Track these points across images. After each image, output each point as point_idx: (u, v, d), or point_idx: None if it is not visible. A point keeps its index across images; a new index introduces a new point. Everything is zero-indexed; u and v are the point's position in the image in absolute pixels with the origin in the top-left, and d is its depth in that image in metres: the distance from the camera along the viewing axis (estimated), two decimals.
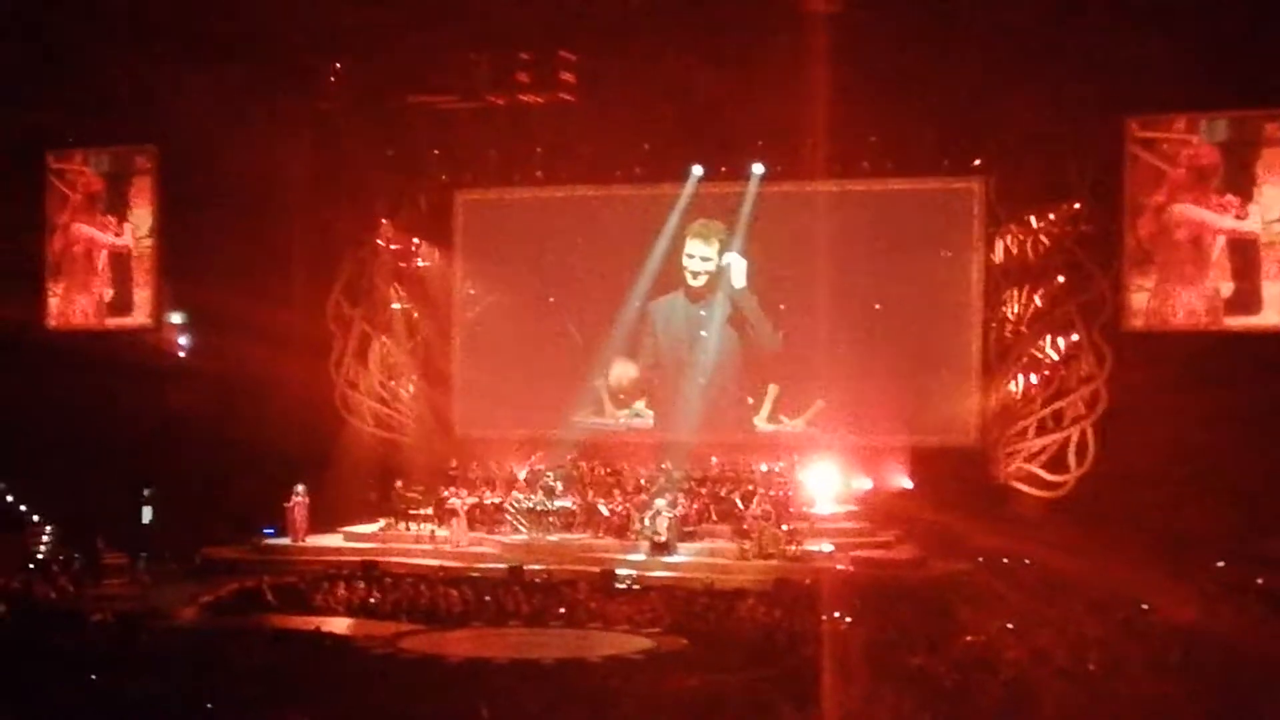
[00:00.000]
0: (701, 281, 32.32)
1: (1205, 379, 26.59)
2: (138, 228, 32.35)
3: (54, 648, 19.56)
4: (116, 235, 32.39)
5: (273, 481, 29.98)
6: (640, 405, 32.83)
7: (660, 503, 28.59)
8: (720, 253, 32.10)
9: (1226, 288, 27.46)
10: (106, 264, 32.53)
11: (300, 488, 29.84)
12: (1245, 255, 27.37)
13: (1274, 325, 27.17)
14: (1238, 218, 27.27)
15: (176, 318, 33.56)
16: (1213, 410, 26.18)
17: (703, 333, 32.43)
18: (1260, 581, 24.34)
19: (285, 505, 29.72)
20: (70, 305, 32.75)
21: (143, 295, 32.38)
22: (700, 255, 32.25)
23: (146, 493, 31.75)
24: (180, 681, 17.04)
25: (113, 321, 32.58)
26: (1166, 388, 27.10)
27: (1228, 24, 25.42)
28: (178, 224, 32.13)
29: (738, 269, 31.94)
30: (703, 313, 32.45)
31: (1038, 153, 29.62)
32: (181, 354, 33.77)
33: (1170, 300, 27.71)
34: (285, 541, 29.88)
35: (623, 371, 32.84)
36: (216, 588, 26.06)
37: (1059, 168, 29.43)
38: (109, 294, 32.51)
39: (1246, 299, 27.33)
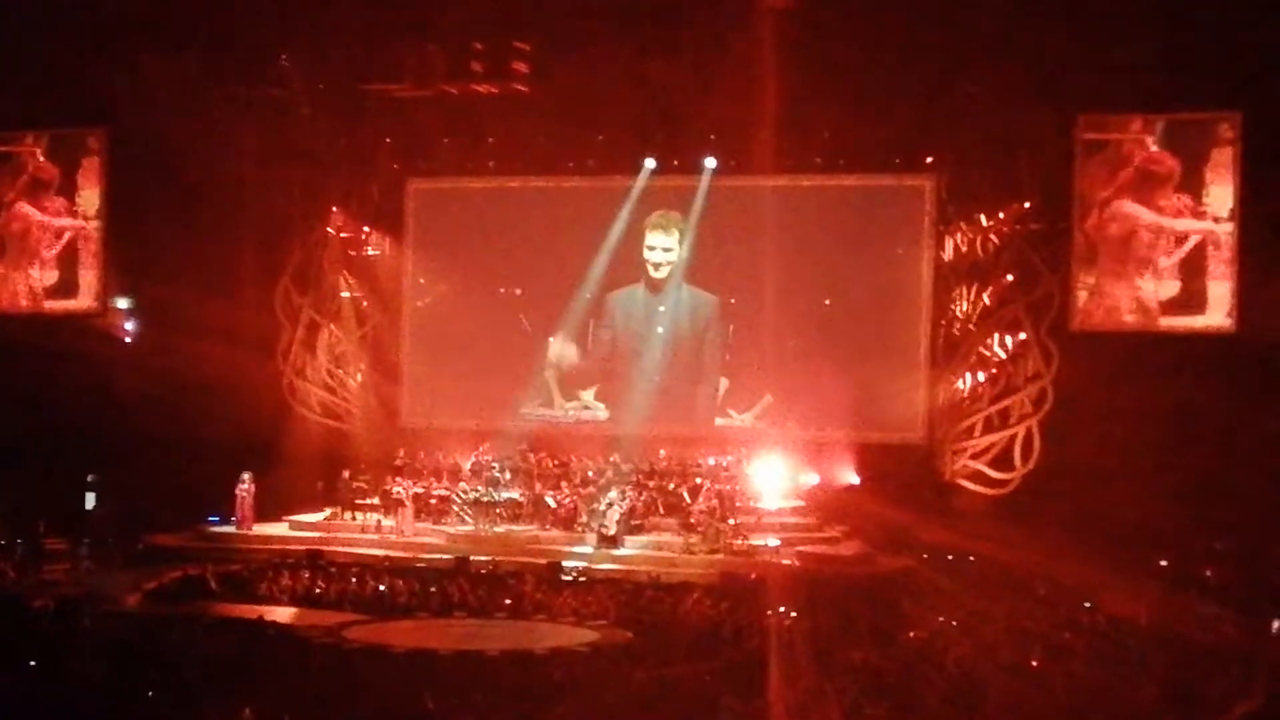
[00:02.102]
0: (664, 273, 32.39)
1: (1151, 378, 26.78)
2: (85, 210, 32.00)
3: None
4: (64, 217, 32.03)
5: (219, 469, 29.78)
6: (589, 397, 32.80)
7: (611, 495, 28.57)
8: (680, 242, 32.10)
9: (1172, 287, 27.61)
10: (51, 245, 32.14)
11: (247, 476, 29.69)
12: (1191, 255, 27.55)
13: (1219, 326, 27.36)
14: (1194, 216, 27.47)
15: (122, 303, 33.25)
16: (1158, 409, 26.42)
17: (659, 328, 32.44)
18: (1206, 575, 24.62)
19: (236, 492, 29.60)
20: (10, 287, 32.37)
21: (88, 278, 32.02)
22: (661, 246, 32.30)
23: (90, 479, 31.48)
24: (122, 669, 16.89)
25: (57, 304, 32.14)
26: (1113, 386, 27.30)
27: (1180, 25, 25.53)
28: (126, 208, 31.79)
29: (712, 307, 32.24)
30: (661, 308, 32.46)
31: (989, 151, 29.76)
32: (127, 339, 33.45)
33: (1111, 298, 27.84)
34: (230, 529, 29.69)
35: (563, 352, 32.77)
36: (160, 575, 25.84)
37: (1010, 166, 29.56)
38: (53, 276, 32.09)
39: (1192, 298, 27.49)
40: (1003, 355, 30.29)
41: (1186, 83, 26.78)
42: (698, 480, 29.60)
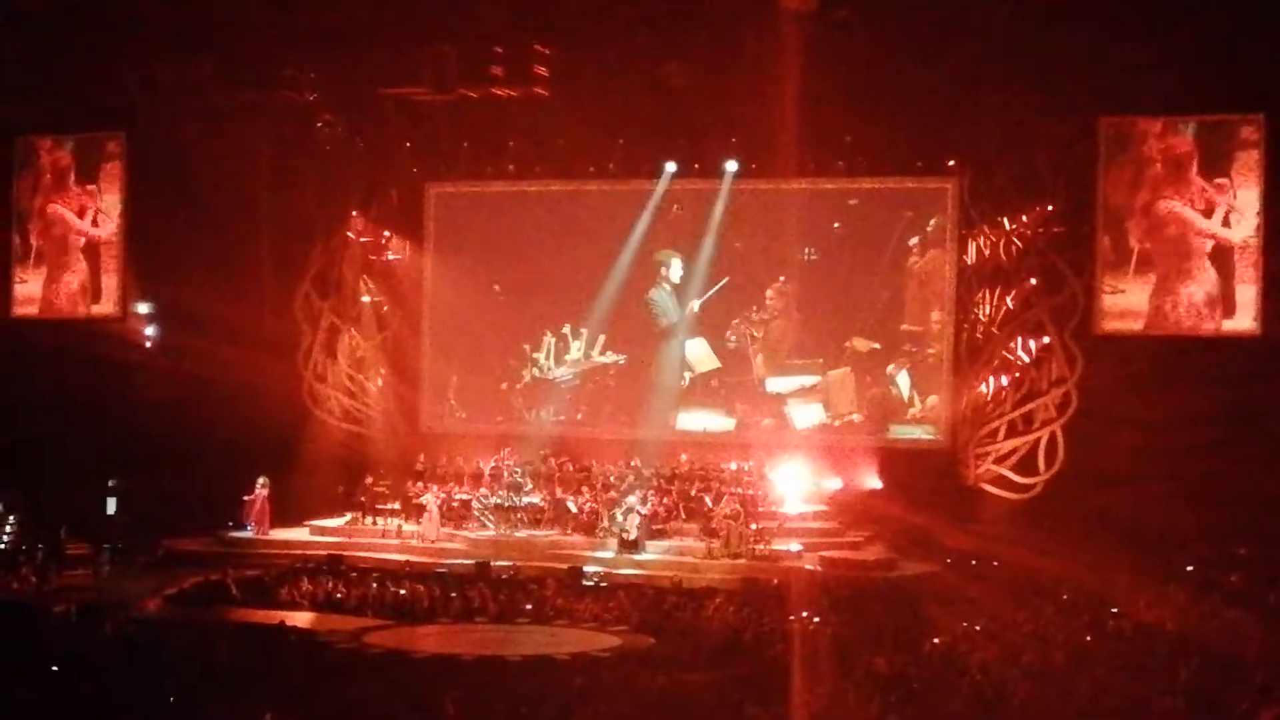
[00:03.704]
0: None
1: (1175, 382, 26.67)
2: (106, 215, 32.05)
3: (15, 639, 19.35)
4: (90, 208, 32.09)
5: (239, 474, 29.80)
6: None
7: (632, 500, 28.49)
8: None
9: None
10: (78, 252, 32.20)
11: (262, 480, 29.68)
12: (1220, 258, 27.41)
13: (1248, 330, 27.21)
14: (1224, 224, 27.36)
15: (143, 308, 33.23)
16: (1182, 413, 26.29)
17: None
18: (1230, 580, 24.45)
19: (246, 498, 29.62)
20: (63, 290, 32.36)
21: (109, 284, 32.10)
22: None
23: (111, 484, 31.49)
24: (142, 675, 16.86)
25: (85, 310, 32.27)
26: (1136, 390, 27.16)
27: (1202, 27, 25.38)
28: (145, 213, 31.85)
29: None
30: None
31: (1011, 154, 29.61)
32: (148, 344, 33.44)
33: (1164, 302, 27.70)
34: (250, 535, 29.69)
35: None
36: (180, 580, 25.87)
37: (1032, 169, 29.40)
38: (79, 282, 32.20)
39: (1224, 302, 27.35)
40: (1026, 359, 30.13)
41: (1210, 85, 26.65)
42: (719, 485, 29.51)
